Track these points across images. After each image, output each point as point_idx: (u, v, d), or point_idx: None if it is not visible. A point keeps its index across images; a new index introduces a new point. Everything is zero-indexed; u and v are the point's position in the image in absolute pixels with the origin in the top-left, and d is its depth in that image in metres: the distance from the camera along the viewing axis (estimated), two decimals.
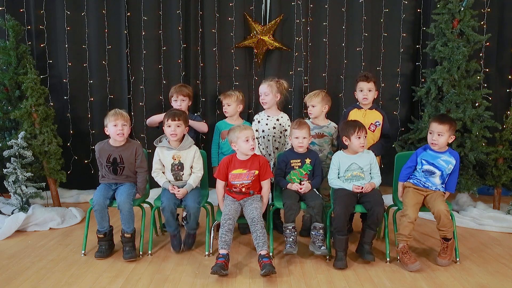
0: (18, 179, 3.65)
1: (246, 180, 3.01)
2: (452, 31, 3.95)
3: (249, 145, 2.96)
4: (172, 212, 3.01)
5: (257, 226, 2.81)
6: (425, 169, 3.05)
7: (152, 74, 4.54)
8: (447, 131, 2.96)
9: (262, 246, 2.74)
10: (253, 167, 3.02)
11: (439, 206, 2.86)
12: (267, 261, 2.66)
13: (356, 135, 3.00)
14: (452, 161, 3.01)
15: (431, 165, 3.03)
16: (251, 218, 2.85)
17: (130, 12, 4.44)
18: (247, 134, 2.96)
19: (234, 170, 3.03)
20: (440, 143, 2.98)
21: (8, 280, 2.67)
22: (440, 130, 2.96)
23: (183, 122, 3.11)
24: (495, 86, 4.36)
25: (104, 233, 3.03)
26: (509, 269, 2.87)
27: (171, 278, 2.71)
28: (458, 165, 3.05)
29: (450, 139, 2.99)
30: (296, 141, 3.12)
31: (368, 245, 2.92)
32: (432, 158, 3.04)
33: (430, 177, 3.03)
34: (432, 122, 3.03)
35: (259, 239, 2.76)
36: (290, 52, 4.56)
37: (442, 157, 3.02)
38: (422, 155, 3.08)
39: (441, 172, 3.01)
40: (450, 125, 2.97)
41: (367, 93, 3.41)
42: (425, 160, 3.05)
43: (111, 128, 3.07)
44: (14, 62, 3.93)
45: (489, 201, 4.05)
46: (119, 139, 3.09)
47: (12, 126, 4.05)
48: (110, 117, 3.08)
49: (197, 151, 3.20)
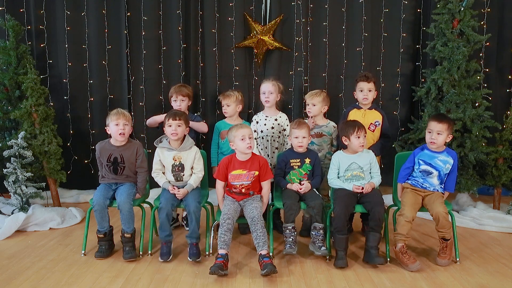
0: (18, 179, 3.65)
1: (246, 181, 3.01)
2: (452, 31, 3.95)
3: (245, 144, 2.96)
4: (169, 214, 2.96)
5: (257, 226, 2.81)
6: (423, 169, 3.05)
7: (152, 74, 4.54)
8: (446, 130, 2.96)
9: (262, 246, 2.74)
10: (253, 168, 3.02)
11: (437, 208, 2.85)
12: (268, 261, 2.67)
13: (355, 134, 3.01)
14: (450, 160, 3.01)
15: (428, 165, 3.03)
16: (251, 218, 2.85)
17: (130, 12, 4.44)
18: (243, 133, 2.96)
19: (234, 171, 3.02)
20: (438, 142, 2.98)
21: (8, 280, 2.67)
22: (439, 129, 2.97)
23: (184, 122, 3.11)
24: (495, 86, 4.36)
25: (104, 233, 3.03)
26: (509, 269, 2.87)
27: (171, 278, 2.71)
28: (457, 165, 3.05)
29: (448, 138, 3.00)
30: (295, 141, 3.12)
31: (375, 250, 2.83)
32: (429, 158, 3.04)
33: (427, 177, 3.03)
34: (431, 121, 3.04)
35: (259, 238, 2.76)
36: (290, 52, 4.56)
37: (440, 157, 3.02)
38: (419, 155, 3.08)
39: (439, 172, 3.01)
40: (449, 124, 2.98)
41: (367, 93, 3.41)
42: (422, 160, 3.06)
43: (113, 128, 3.07)
44: (14, 62, 3.93)
45: (489, 201, 4.05)
46: (120, 139, 3.09)
47: (12, 126, 4.06)
48: (112, 116, 3.09)
49: (198, 152, 3.19)
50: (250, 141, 2.97)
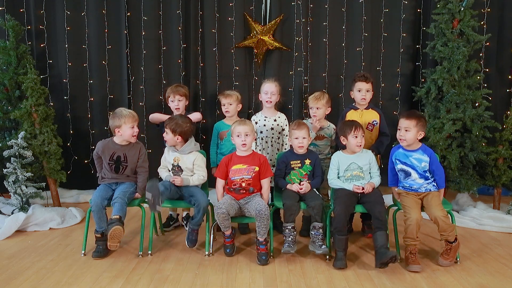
0: (18, 179, 3.66)
1: (246, 175, 3.03)
2: (452, 31, 3.95)
3: (239, 140, 3.01)
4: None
5: (263, 218, 2.87)
6: (400, 168, 3.04)
7: (152, 74, 4.54)
8: (414, 127, 2.91)
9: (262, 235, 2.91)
10: (253, 163, 3.05)
11: (435, 212, 2.82)
12: (263, 249, 2.89)
13: (353, 134, 3.01)
14: (425, 158, 2.96)
15: (404, 164, 3.01)
16: (258, 210, 2.88)
17: (130, 12, 4.45)
18: (239, 130, 3.03)
19: (234, 166, 3.06)
20: (407, 138, 2.94)
21: (8, 280, 2.67)
22: (406, 126, 2.93)
23: (182, 138, 3.14)
24: (495, 86, 4.36)
25: (102, 233, 3.03)
26: (509, 269, 2.87)
27: (171, 278, 2.71)
28: (436, 160, 2.98)
29: (419, 135, 2.95)
30: (296, 142, 3.12)
31: (385, 249, 2.76)
32: (404, 157, 3.02)
33: (409, 178, 3.01)
34: (400, 118, 3.02)
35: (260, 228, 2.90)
36: (290, 52, 4.56)
37: (414, 155, 2.98)
38: (395, 154, 3.06)
39: (416, 171, 2.98)
40: (418, 121, 2.92)
41: (365, 94, 3.41)
42: (398, 160, 3.04)
43: (127, 130, 3.12)
44: (14, 62, 3.93)
45: (489, 201, 4.05)
46: (133, 141, 3.19)
47: (12, 126, 4.05)
48: (126, 119, 3.11)
49: (198, 158, 3.20)
50: (245, 139, 3.00)
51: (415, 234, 2.82)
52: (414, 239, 2.82)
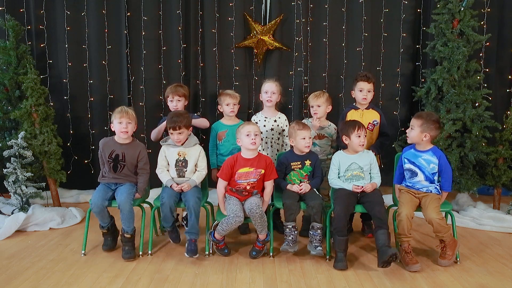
0: (18, 179, 3.65)
1: (253, 178, 3.03)
2: (452, 31, 3.95)
3: (249, 139, 2.99)
4: (171, 208, 3.02)
5: (255, 217, 2.89)
6: (407, 168, 3.05)
7: (152, 74, 4.54)
8: (418, 126, 2.94)
9: (260, 231, 2.95)
10: (259, 166, 3.04)
11: (430, 214, 2.83)
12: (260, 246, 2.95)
13: (356, 133, 3.01)
14: (434, 160, 2.97)
15: (412, 164, 3.02)
16: (249, 209, 2.91)
17: (130, 12, 4.44)
18: (249, 129, 3.01)
19: (241, 169, 3.03)
20: (410, 136, 2.99)
21: (8, 280, 2.67)
22: (412, 123, 3.00)
23: (185, 129, 3.14)
24: (495, 86, 4.37)
25: (108, 228, 3.08)
26: (509, 269, 2.87)
27: (171, 278, 2.71)
28: (446, 163, 2.98)
29: (423, 136, 2.95)
30: (303, 142, 3.11)
31: (386, 247, 2.73)
32: (413, 157, 3.03)
33: (414, 178, 3.02)
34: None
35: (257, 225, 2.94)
36: (290, 52, 4.56)
37: (424, 156, 2.99)
38: (406, 153, 3.09)
39: (423, 172, 2.99)
40: (424, 122, 2.94)
41: (367, 94, 3.41)
42: (407, 159, 3.06)
43: (116, 125, 3.12)
44: (14, 62, 3.93)
45: (489, 201, 4.05)
46: (123, 136, 3.14)
47: (12, 126, 4.05)
48: (116, 114, 3.12)
49: (202, 151, 3.23)
50: (255, 138, 3.00)
51: (407, 230, 2.84)
52: (406, 235, 2.85)
